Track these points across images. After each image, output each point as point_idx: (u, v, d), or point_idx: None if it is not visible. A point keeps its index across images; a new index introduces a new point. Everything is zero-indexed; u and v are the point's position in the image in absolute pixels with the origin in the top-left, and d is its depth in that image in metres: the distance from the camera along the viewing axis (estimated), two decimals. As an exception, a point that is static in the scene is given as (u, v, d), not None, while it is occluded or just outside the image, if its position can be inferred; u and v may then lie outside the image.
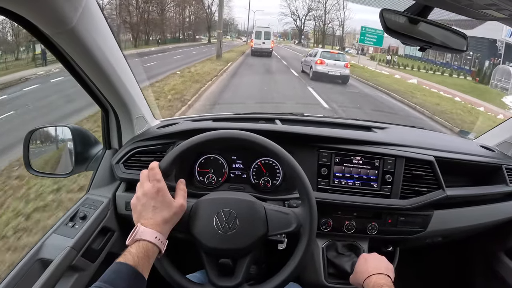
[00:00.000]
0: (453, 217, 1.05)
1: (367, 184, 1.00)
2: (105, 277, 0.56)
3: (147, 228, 0.63)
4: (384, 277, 0.74)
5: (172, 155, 0.72)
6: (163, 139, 1.02)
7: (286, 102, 7.45)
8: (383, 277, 0.74)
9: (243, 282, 0.71)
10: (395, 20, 0.76)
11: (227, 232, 0.69)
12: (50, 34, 0.69)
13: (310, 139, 1.00)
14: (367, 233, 0.99)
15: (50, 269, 0.77)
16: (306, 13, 40.40)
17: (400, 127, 1.29)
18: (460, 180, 1.10)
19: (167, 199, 0.67)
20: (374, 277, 0.74)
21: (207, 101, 6.86)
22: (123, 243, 1.02)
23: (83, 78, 0.86)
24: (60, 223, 0.90)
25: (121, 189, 1.02)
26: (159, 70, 10.79)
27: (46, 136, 1.06)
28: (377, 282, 0.72)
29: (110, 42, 0.83)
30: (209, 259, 0.73)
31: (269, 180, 1.03)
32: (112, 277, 0.56)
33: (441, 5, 0.75)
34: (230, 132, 0.75)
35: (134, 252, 0.60)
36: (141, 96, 1.03)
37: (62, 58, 0.78)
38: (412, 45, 0.81)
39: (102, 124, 1.03)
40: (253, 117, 1.22)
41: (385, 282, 0.72)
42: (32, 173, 1.01)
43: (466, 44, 0.81)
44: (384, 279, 0.73)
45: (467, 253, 1.30)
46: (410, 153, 1.01)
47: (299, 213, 0.73)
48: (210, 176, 1.04)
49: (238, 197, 0.74)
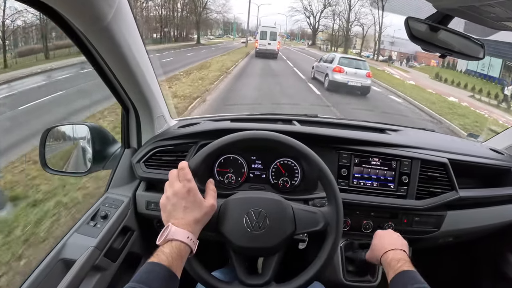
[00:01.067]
0: (465, 218, 1.08)
1: (384, 184, 1.02)
2: (138, 277, 0.55)
3: (179, 228, 0.62)
4: (400, 252, 0.75)
5: (202, 155, 0.73)
6: (185, 139, 1.02)
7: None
8: (400, 252, 0.75)
9: (271, 280, 0.72)
10: (418, 28, 0.79)
11: (257, 231, 0.70)
12: (83, 30, 0.68)
13: (331, 140, 1.02)
14: None
15: (74, 269, 0.77)
16: (322, 9, 33.78)
17: (412, 130, 1.32)
18: (470, 182, 1.13)
19: (198, 199, 0.66)
20: (391, 253, 0.75)
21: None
22: (142, 243, 1.03)
23: (108, 76, 0.85)
24: (82, 222, 0.89)
25: (141, 188, 1.02)
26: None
27: (63, 135, 1.05)
28: (394, 257, 0.73)
29: (138, 40, 0.83)
30: (238, 258, 0.74)
31: (288, 180, 1.04)
32: (145, 277, 0.55)
33: (463, 16, 0.79)
34: (261, 133, 0.75)
35: (168, 252, 0.59)
36: (161, 95, 1.03)
37: (89, 55, 0.78)
38: (433, 52, 0.84)
39: (122, 123, 1.03)
40: (270, 117, 1.23)
41: (402, 256, 0.73)
42: (48, 172, 1.00)
43: (483, 52, 0.85)
44: (401, 254, 0.74)
45: (475, 254, 1.33)
46: (425, 155, 1.03)
47: (326, 212, 0.74)
48: (229, 176, 1.04)
49: (267, 197, 0.75)
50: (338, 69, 9.45)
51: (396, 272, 0.69)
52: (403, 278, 0.68)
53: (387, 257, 0.75)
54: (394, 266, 0.71)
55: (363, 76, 9.53)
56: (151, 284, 0.54)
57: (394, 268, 0.70)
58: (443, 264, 1.41)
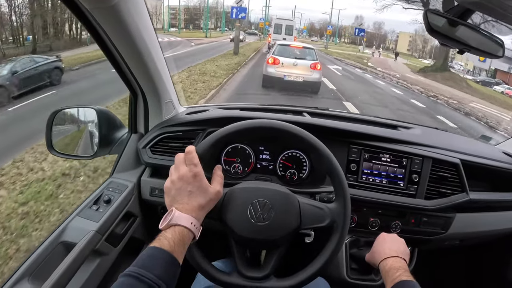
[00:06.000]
0: (474, 221, 1.06)
1: (393, 182, 1.00)
2: (140, 262, 0.54)
3: (182, 213, 0.61)
4: (400, 261, 0.73)
5: (211, 140, 0.71)
6: (193, 126, 1.01)
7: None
8: (399, 260, 0.73)
9: (271, 274, 0.71)
10: (437, 21, 0.77)
11: (261, 222, 0.69)
12: (89, 8, 0.66)
13: (342, 134, 1.00)
14: (390, 231, 0.99)
15: (74, 252, 0.76)
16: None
17: (425, 128, 1.29)
18: (481, 185, 1.10)
19: (203, 184, 0.65)
20: (391, 260, 0.74)
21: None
22: (145, 229, 1.03)
23: (116, 58, 0.84)
24: (84, 206, 0.89)
25: (146, 174, 1.01)
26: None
27: (70, 117, 1.05)
28: (393, 265, 0.72)
29: (148, 25, 0.81)
30: (239, 249, 0.73)
31: (296, 173, 1.02)
32: (147, 262, 0.54)
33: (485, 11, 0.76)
34: (272, 122, 0.73)
35: (170, 237, 0.58)
36: (170, 81, 1.02)
37: (97, 35, 0.76)
38: (451, 47, 0.82)
39: (130, 108, 1.02)
40: (280, 108, 1.21)
41: (401, 265, 0.72)
42: (54, 154, 1.00)
43: (502, 51, 0.82)
44: (400, 262, 0.73)
45: (481, 259, 1.30)
46: (437, 154, 1.01)
47: (334, 209, 0.72)
48: (236, 165, 1.03)
49: (273, 188, 0.73)
50: (273, 61, 7.46)
51: (394, 281, 0.67)
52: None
53: (386, 264, 0.74)
54: (393, 275, 0.69)
55: (307, 68, 7.43)
56: (152, 270, 0.52)
57: (393, 277, 0.69)
58: (447, 267, 1.38)
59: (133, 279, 0.51)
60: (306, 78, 7.47)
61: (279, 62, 7.44)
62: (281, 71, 7.41)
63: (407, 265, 0.73)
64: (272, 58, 7.55)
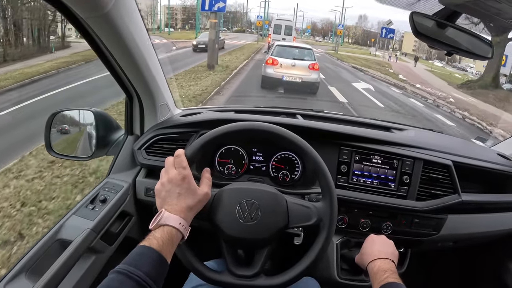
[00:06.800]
0: (466, 223, 1.06)
1: (384, 184, 1.01)
2: (129, 260, 0.56)
3: (171, 214, 0.63)
4: (388, 262, 0.74)
5: (199, 143, 0.73)
6: (187, 128, 1.03)
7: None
8: (388, 262, 0.74)
9: (260, 272, 0.72)
10: (424, 23, 0.77)
11: (249, 222, 0.70)
12: (84, 17, 0.69)
13: (332, 135, 1.01)
14: (381, 232, 1.00)
15: (69, 250, 0.79)
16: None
17: (418, 130, 1.30)
18: (474, 186, 1.10)
19: (192, 186, 0.67)
20: (379, 262, 0.74)
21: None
22: (140, 228, 1.05)
23: (111, 63, 0.87)
24: (81, 205, 0.91)
25: (141, 175, 1.03)
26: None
27: (68, 119, 1.08)
28: (381, 267, 0.73)
29: (141, 29, 0.84)
30: (229, 248, 0.74)
31: (288, 174, 1.04)
32: (136, 259, 0.56)
33: (470, 12, 0.77)
34: (259, 124, 0.75)
35: (159, 237, 0.60)
36: (166, 84, 1.04)
37: (92, 42, 0.79)
38: (439, 49, 0.82)
39: (126, 110, 1.05)
40: (274, 110, 1.23)
41: (389, 267, 0.72)
42: (53, 155, 1.03)
43: (491, 52, 0.82)
44: (389, 264, 0.74)
45: (475, 260, 1.30)
46: (428, 156, 1.01)
47: (320, 208, 0.74)
48: (230, 167, 1.05)
49: (261, 188, 0.75)
50: (271, 62, 7.51)
51: (381, 283, 0.68)
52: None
53: (374, 266, 0.75)
54: (380, 277, 0.70)
55: (305, 68, 7.43)
56: (141, 267, 0.54)
57: (380, 279, 0.70)
58: (441, 269, 1.38)
59: (123, 275, 0.53)
60: (305, 79, 7.53)
61: (277, 63, 7.52)
62: (279, 72, 7.48)
63: (395, 267, 0.74)
64: (271, 59, 7.62)
